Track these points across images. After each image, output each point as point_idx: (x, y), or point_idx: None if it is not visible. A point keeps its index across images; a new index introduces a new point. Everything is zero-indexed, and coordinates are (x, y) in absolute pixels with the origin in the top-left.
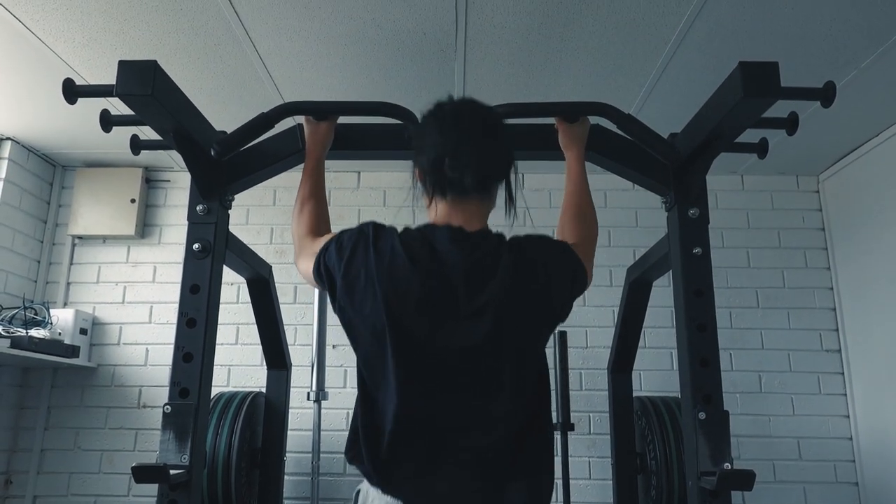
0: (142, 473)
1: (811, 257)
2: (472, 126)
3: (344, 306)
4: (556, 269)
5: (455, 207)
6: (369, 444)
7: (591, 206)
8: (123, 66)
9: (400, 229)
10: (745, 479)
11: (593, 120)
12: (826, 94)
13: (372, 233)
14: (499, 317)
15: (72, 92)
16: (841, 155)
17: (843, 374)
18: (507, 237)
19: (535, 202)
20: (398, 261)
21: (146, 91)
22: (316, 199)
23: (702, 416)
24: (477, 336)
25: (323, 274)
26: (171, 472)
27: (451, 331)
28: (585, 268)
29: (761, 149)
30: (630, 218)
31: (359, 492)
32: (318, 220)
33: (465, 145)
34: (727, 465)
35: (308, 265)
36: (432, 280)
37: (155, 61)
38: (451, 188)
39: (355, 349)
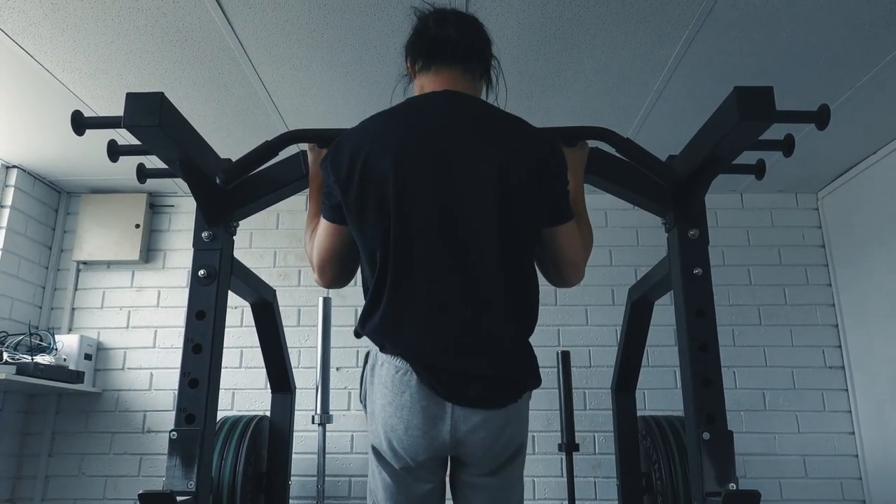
0: (149, 500)
1: (812, 274)
2: (454, 11)
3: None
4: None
5: (442, 77)
6: (379, 314)
7: (589, 232)
8: (131, 98)
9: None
10: (750, 500)
11: (592, 143)
12: (821, 117)
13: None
14: (500, 176)
15: (80, 124)
16: (839, 172)
17: (847, 390)
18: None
19: None
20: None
21: (153, 122)
22: None
23: (706, 436)
24: (479, 196)
25: (332, 194)
26: (178, 498)
27: (454, 190)
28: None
29: (759, 170)
30: (631, 237)
31: (368, 353)
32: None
33: (448, 11)
34: (732, 486)
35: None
36: (429, 139)
37: (162, 93)
38: (436, 47)
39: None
